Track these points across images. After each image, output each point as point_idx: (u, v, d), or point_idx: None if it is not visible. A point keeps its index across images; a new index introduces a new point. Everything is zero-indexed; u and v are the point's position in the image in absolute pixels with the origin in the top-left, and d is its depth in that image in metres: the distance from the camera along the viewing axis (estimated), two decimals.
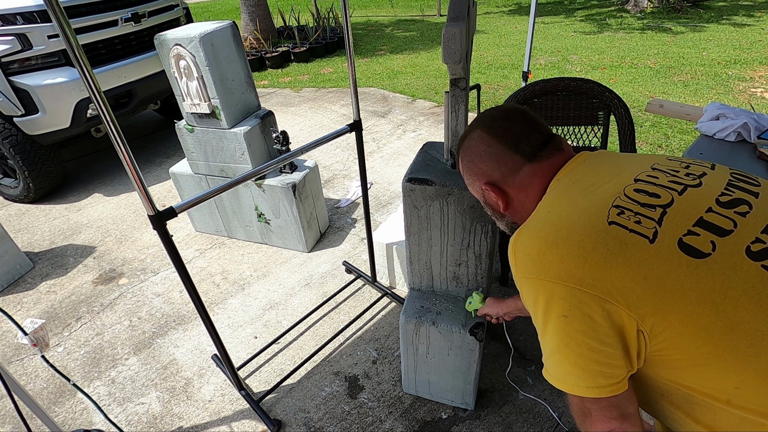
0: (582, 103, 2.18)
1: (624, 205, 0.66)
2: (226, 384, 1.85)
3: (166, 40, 2.08)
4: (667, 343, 0.61)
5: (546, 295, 0.66)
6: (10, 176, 3.27)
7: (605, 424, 0.68)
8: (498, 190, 0.85)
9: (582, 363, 0.65)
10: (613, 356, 0.63)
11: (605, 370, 0.64)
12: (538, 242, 0.68)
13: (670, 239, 0.62)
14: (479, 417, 1.64)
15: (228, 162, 2.38)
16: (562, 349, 0.66)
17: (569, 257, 0.64)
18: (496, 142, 0.84)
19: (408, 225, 1.38)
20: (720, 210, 0.65)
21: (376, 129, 4.12)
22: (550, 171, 0.81)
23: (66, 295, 2.40)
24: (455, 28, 0.97)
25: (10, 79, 2.77)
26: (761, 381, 0.57)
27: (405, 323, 1.48)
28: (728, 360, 0.58)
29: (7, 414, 1.80)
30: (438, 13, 9.48)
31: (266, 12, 7.29)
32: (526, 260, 0.69)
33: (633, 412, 0.68)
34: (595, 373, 0.65)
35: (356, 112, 1.77)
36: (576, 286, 0.63)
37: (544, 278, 0.66)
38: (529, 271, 0.68)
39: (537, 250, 0.68)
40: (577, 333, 0.63)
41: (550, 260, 0.65)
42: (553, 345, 0.67)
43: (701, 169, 0.74)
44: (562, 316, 0.64)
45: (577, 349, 0.64)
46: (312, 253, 2.58)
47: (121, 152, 1.07)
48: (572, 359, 0.65)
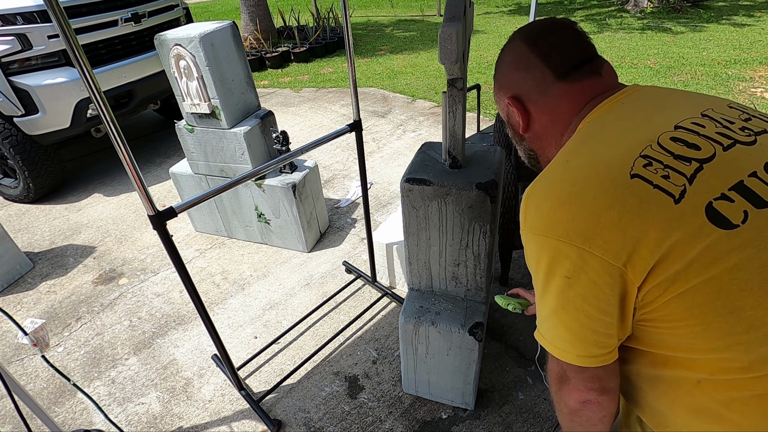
0: None
1: (654, 155, 0.58)
2: (226, 384, 1.85)
3: (166, 40, 2.08)
4: (655, 314, 0.58)
5: (551, 254, 0.60)
6: (10, 176, 3.27)
7: (582, 394, 0.65)
8: (521, 107, 0.76)
9: (577, 329, 0.61)
10: (610, 326, 0.60)
11: (599, 339, 0.61)
12: (551, 197, 0.62)
13: (698, 201, 0.54)
14: (479, 417, 1.64)
15: (228, 162, 2.38)
16: (558, 312, 0.62)
17: (581, 216, 0.58)
18: (529, 51, 0.74)
19: (406, 225, 1.38)
20: (766, 177, 0.56)
21: (376, 129, 4.12)
22: (582, 97, 0.71)
23: (66, 295, 2.40)
24: (452, 29, 0.97)
25: (10, 79, 2.78)
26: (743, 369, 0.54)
27: (404, 323, 1.48)
28: (717, 343, 0.55)
29: (7, 414, 1.80)
30: (438, 13, 9.48)
31: (266, 12, 7.29)
32: (536, 215, 0.63)
33: (613, 387, 0.66)
34: (589, 341, 0.61)
35: (356, 112, 1.77)
36: (585, 248, 0.57)
37: (552, 236, 0.60)
38: (536, 227, 0.62)
39: (548, 205, 0.62)
40: (576, 297, 0.59)
41: (560, 218, 0.60)
42: (550, 308, 0.63)
43: (764, 125, 0.62)
44: (565, 277, 0.59)
45: (575, 314, 0.60)
46: (312, 253, 2.58)
47: (121, 152, 1.07)
48: (567, 324, 0.62)
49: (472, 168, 1.31)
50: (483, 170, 1.29)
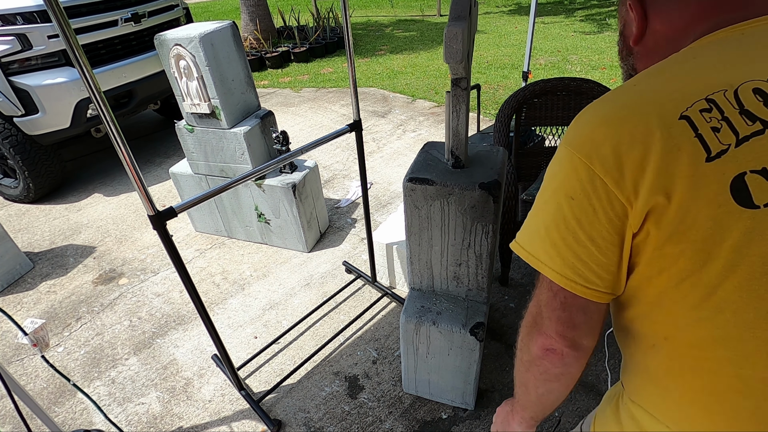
0: (582, 103, 2.18)
1: (720, 102, 0.52)
2: (226, 384, 1.85)
3: (166, 40, 2.08)
4: (642, 268, 0.56)
5: (568, 169, 0.58)
6: (10, 176, 3.26)
7: (549, 340, 0.63)
8: (641, 13, 0.68)
9: (560, 246, 0.59)
10: (596, 259, 0.57)
11: (579, 267, 0.58)
12: (597, 116, 0.59)
13: (731, 168, 0.49)
14: (479, 417, 1.64)
15: (228, 162, 2.38)
16: (549, 225, 0.60)
17: (612, 142, 0.55)
18: None
19: (408, 225, 1.38)
20: None
21: (376, 129, 4.12)
22: (712, 13, 0.61)
23: (66, 295, 2.40)
24: (457, 28, 0.97)
25: (10, 79, 2.77)
26: None
27: (405, 323, 1.48)
28: (687, 331, 0.54)
29: (7, 414, 1.80)
30: (438, 13, 9.48)
31: (266, 12, 7.29)
32: (575, 129, 0.60)
33: (585, 346, 0.63)
34: (568, 264, 0.59)
35: (356, 112, 1.77)
36: (600, 174, 0.54)
37: (577, 152, 0.57)
38: (570, 140, 0.60)
39: (590, 124, 0.59)
40: (572, 219, 0.57)
41: (593, 138, 0.57)
42: (542, 220, 0.61)
43: None
44: (569, 197, 0.57)
45: (565, 232, 0.58)
46: (312, 253, 2.58)
47: (121, 152, 1.07)
48: (553, 239, 0.59)
49: (475, 168, 1.31)
50: (486, 170, 1.29)
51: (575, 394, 1.70)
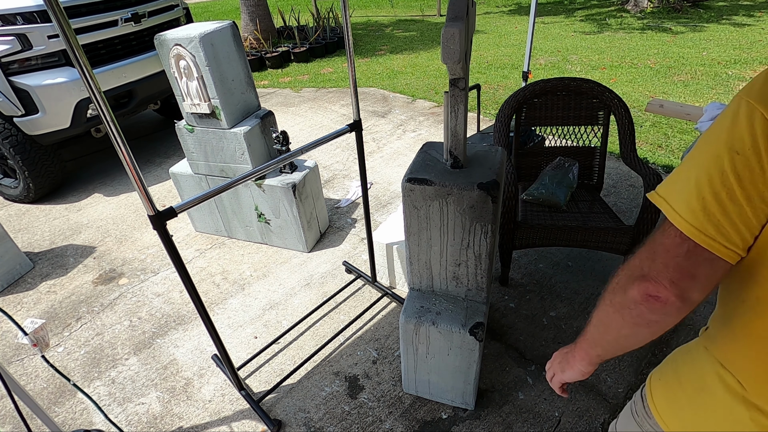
0: (582, 103, 2.18)
1: None
2: (226, 384, 1.85)
3: (166, 40, 2.08)
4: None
5: (742, 120, 0.53)
6: (10, 176, 3.27)
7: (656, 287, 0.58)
8: None
9: (709, 201, 0.55)
10: (747, 222, 0.54)
11: (724, 225, 0.54)
12: None
13: None
14: (479, 417, 1.64)
15: (228, 162, 2.38)
16: (701, 178, 0.56)
17: None
18: None
19: (408, 225, 1.38)
20: None
21: (376, 129, 4.12)
22: None
23: (66, 295, 2.40)
24: (454, 28, 0.97)
25: (10, 80, 2.77)
26: None
27: (405, 323, 1.48)
28: None
29: (7, 414, 1.80)
30: (438, 13, 9.48)
31: (266, 12, 7.29)
32: (758, 79, 0.56)
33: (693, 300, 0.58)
34: (712, 220, 0.55)
35: (356, 112, 1.77)
36: None
37: (755, 102, 0.53)
38: (750, 90, 0.55)
39: None
40: (731, 175, 0.53)
41: None
42: (693, 170, 0.57)
43: None
44: (734, 151, 0.53)
45: (719, 188, 0.54)
46: (312, 253, 2.58)
47: (121, 152, 1.07)
48: (702, 192, 0.55)
49: (474, 168, 1.31)
50: (484, 170, 1.29)
51: (575, 394, 1.70)
